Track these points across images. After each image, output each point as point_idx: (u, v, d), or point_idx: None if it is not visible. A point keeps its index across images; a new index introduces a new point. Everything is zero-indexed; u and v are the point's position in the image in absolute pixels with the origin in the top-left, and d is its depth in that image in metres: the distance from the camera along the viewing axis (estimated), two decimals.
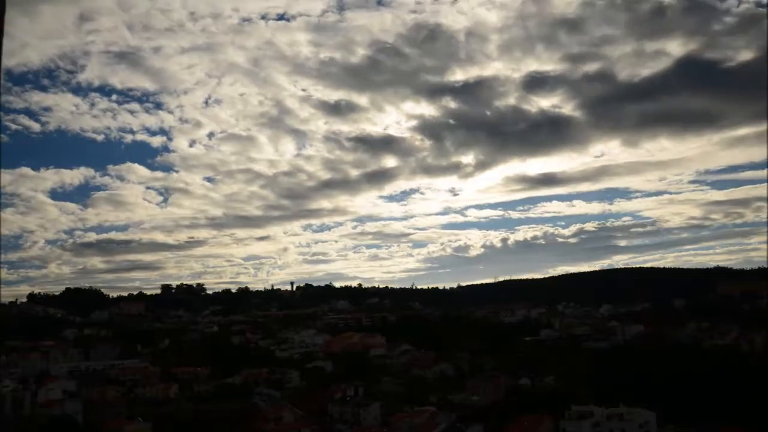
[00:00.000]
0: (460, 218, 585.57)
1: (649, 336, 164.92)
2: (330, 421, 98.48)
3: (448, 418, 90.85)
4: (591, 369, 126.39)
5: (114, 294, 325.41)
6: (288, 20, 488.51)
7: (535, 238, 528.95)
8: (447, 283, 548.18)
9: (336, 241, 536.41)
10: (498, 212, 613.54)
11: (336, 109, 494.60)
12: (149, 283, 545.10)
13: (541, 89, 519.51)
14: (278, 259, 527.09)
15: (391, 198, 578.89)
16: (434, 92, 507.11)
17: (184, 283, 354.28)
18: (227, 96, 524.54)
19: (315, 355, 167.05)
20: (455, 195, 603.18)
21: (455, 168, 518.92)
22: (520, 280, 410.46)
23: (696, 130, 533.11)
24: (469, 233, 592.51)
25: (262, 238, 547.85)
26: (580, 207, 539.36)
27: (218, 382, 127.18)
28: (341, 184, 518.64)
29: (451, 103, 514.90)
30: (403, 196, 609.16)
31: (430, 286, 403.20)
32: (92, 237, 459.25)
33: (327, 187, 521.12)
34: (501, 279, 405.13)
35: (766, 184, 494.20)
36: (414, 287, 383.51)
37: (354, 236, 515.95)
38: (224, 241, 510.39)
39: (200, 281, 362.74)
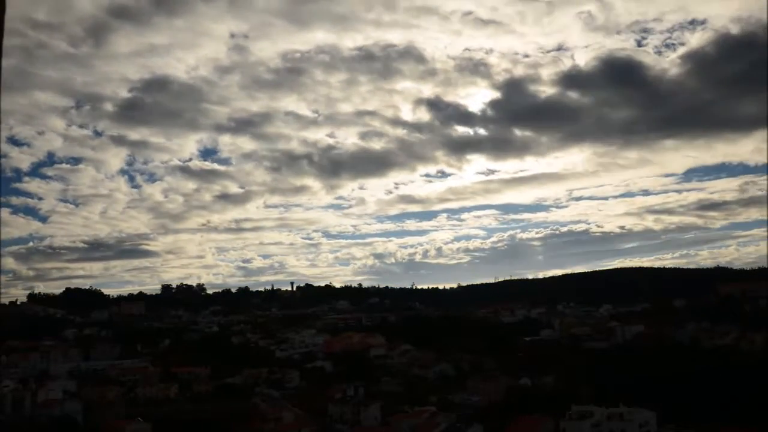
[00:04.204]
0: (353, 230, 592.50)
1: (649, 336, 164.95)
2: (330, 421, 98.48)
3: (448, 418, 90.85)
4: (591, 369, 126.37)
5: (113, 294, 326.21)
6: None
7: (457, 249, 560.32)
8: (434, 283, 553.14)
9: (241, 249, 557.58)
10: (389, 225, 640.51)
11: (136, 145, 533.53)
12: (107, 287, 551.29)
13: (317, 126, 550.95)
14: (203, 263, 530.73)
15: (267, 212, 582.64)
16: (219, 128, 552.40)
17: (184, 283, 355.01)
18: (23, 136, 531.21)
19: (315, 355, 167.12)
20: (328, 211, 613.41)
21: (306, 190, 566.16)
22: (520, 280, 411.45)
23: (515, 154, 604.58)
24: (384, 243, 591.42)
25: (173, 248, 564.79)
26: (473, 221, 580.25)
27: (218, 382, 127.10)
28: (203, 206, 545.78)
29: (239, 137, 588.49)
30: (281, 212, 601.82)
31: (430, 286, 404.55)
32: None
33: (193, 207, 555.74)
34: (501, 279, 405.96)
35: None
36: (414, 287, 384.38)
37: (260, 246, 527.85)
38: (137, 250, 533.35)
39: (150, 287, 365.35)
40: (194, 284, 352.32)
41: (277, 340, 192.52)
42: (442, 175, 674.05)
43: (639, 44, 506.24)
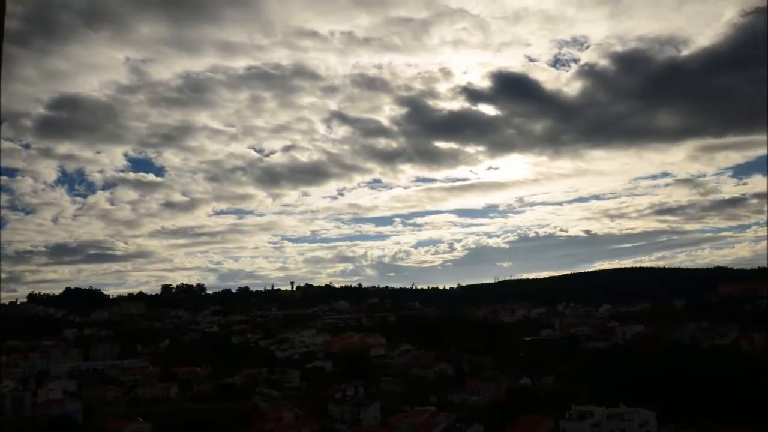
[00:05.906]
0: (313, 235, 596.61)
1: (649, 336, 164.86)
2: (330, 421, 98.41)
3: (448, 418, 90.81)
4: (591, 369, 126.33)
5: (113, 294, 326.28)
6: None
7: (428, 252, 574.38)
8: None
9: (206, 252, 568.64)
10: (348, 230, 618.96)
11: (66, 158, 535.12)
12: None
13: (239, 141, 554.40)
14: (173, 265, 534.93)
15: (221, 218, 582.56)
16: (143, 143, 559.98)
17: (184, 283, 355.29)
18: None
19: (315, 355, 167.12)
20: (282, 217, 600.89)
21: (252, 198, 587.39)
22: (520, 280, 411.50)
23: (447, 164, 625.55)
24: (350, 247, 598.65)
25: (139, 252, 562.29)
26: (431, 226, 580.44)
27: (218, 382, 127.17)
28: (153, 213, 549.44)
29: (166, 150, 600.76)
30: (235, 218, 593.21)
31: (431, 286, 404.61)
32: None
33: (143, 215, 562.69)
34: (501, 279, 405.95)
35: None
36: (414, 287, 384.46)
37: (225, 250, 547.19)
38: (105, 254, 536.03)
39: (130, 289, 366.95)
40: (194, 284, 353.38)
41: (277, 340, 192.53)
42: (379, 182, 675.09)
43: (530, 60, 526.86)
